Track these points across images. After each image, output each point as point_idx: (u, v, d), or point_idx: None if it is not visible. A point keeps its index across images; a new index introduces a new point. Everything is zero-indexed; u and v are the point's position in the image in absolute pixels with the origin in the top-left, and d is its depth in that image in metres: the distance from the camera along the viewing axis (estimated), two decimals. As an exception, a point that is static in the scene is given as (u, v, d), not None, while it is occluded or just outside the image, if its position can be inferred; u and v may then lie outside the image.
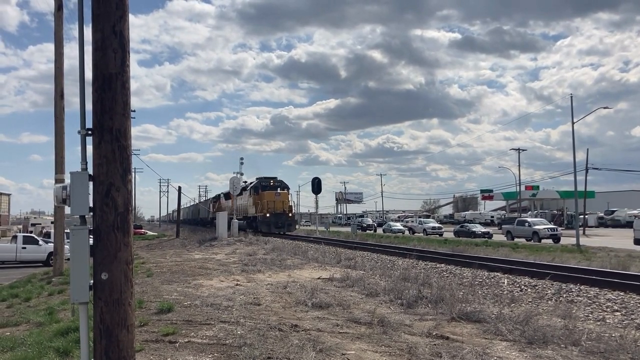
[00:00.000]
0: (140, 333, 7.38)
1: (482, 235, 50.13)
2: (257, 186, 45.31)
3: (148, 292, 11.58)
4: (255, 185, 45.74)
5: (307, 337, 7.20)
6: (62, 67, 19.16)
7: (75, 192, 4.25)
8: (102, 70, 4.23)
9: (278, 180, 46.29)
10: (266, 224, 41.94)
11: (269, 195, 43.57)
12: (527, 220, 47.52)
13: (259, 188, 44.94)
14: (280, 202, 43.36)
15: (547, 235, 41.82)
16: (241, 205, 49.71)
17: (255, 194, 45.22)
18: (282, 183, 45.80)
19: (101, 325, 4.16)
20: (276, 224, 41.98)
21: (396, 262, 16.24)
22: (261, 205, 43.40)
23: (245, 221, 46.63)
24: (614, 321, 8.25)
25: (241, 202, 49.83)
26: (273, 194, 43.78)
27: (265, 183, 45.27)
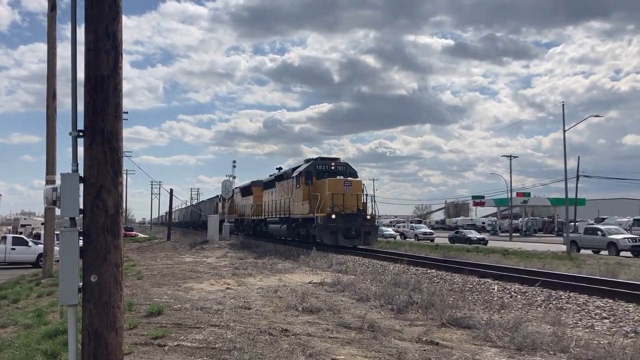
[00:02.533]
0: (129, 336, 7.34)
1: (478, 242, 47.76)
2: (310, 171, 28.84)
3: (138, 294, 11.52)
4: (307, 171, 28.95)
5: (297, 341, 7.20)
6: (55, 67, 19.09)
7: (66, 193, 4.23)
8: (94, 72, 4.22)
9: (342, 162, 30.17)
10: (330, 231, 25.34)
11: (334, 185, 26.72)
12: (599, 228, 37.98)
13: (313, 174, 28.64)
14: (353, 197, 26.67)
15: (627, 247, 32.83)
16: (272, 203, 35.11)
17: (306, 184, 28.63)
18: (348, 167, 29.59)
19: (90, 327, 4.14)
20: (347, 232, 25.51)
21: (387, 267, 16.24)
22: (321, 200, 26.38)
23: (283, 225, 32.05)
24: (603, 328, 8.30)
25: (272, 199, 35.59)
26: (340, 183, 27.05)
27: (322, 166, 29.11)
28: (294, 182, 30.28)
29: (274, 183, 35.42)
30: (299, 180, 29.29)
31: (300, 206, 28.91)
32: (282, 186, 33.27)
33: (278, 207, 33.33)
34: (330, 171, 28.56)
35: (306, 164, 29.98)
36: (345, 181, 27.15)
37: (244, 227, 45.24)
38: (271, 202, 35.54)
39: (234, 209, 50.39)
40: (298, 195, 29.33)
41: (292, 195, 30.44)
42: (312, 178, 28.50)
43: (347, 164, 29.80)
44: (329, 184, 26.64)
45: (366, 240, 26.01)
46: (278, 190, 34.07)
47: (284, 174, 33.76)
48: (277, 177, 35.13)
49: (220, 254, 24.89)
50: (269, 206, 36.29)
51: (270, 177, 37.63)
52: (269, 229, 35.83)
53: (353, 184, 27.24)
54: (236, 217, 48.34)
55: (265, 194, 37.78)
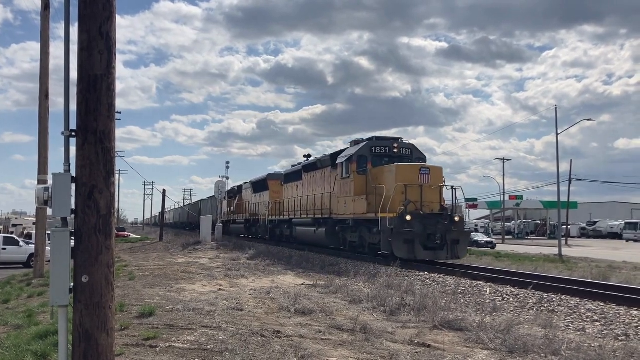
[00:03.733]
0: (121, 337, 7.31)
1: (486, 245, 42.19)
2: (364, 155, 20.86)
3: (130, 295, 11.48)
4: (360, 155, 20.94)
5: (289, 343, 7.19)
6: (48, 67, 19.00)
7: (57, 193, 4.22)
8: (87, 72, 4.21)
9: (406, 143, 21.82)
10: (405, 239, 17.37)
11: (407, 173, 18.74)
12: None
13: (368, 159, 20.68)
14: (434, 191, 18.93)
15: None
16: (300, 200, 27.40)
17: (359, 172, 20.65)
18: (414, 150, 21.50)
19: (80, 328, 4.12)
20: (428, 240, 17.68)
21: (380, 270, 16.25)
22: (386, 195, 18.23)
23: (320, 228, 24.02)
24: (594, 331, 8.34)
25: (298, 194, 28.12)
26: (415, 170, 18.90)
27: (381, 149, 21.00)
28: (339, 170, 21.78)
29: (299, 174, 28.24)
30: (348, 167, 20.95)
31: (350, 203, 20.60)
32: (313, 178, 26.06)
33: (309, 204, 25.61)
34: (393, 155, 20.49)
35: (356, 146, 21.49)
36: (422, 167, 18.75)
37: (258, 230, 36.57)
38: (297, 198, 27.89)
39: (243, 207, 42.39)
40: (345, 188, 21.09)
41: (335, 189, 22.15)
42: (367, 164, 20.19)
43: (413, 145, 21.39)
44: (399, 171, 18.45)
45: (454, 251, 17.64)
46: (308, 182, 26.80)
47: (317, 162, 25.83)
48: (307, 166, 27.29)
49: (213, 255, 24.82)
50: (294, 204, 28.56)
51: (294, 167, 30.64)
52: (297, 233, 27.79)
53: (432, 171, 18.76)
54: (247, 218, 40.24)
55: (288, 188, 30.44)
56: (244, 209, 42.29)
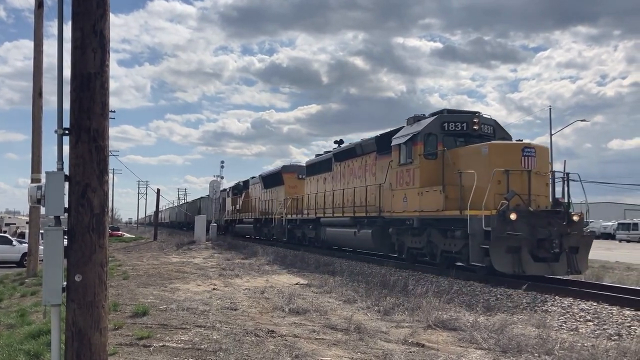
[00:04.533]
0: (114, 336, 7.29)
1: None
2: (433, 134, 15.76)
3: (123, 295, 11.44)
4: (428, 133, 15.78)
5: (284, 342, 7.18)
6: (41, 65, 18.92)
7: (50, 192, 4.20)
8: (81, 70, 4.19)
9: (487, 117, 16.47)
10: (508, 246, 12.27)
11: (506, 155, 13.61)
12: None
13: (438, 139, 15.71)
14: (542, 180, 13.90)
15: None
16: (331, 195, 22.96)
17: (427, 156, 15.68)
18: (497, 127, 16.47)
19: (73, 327, 4.10)
20: (538, 249, 12.49)
21: (374, 269, 16.27)
22: (476, 186, 12.99)
23: (362, 229, 19.43)
24: (587, 331, 8.37)
25: (327, 188, 23.75)
26: (517, 150, 13.68)
27: (455, 126, 15.83)
28: (394, 155, 16.74)
29: (328, 165, 24.02)
30: (410, 150, 15.82)
31: (413, 197, 15.60)
32: (349, 167, 21.66)
33: (346, 200, 21.06)
34: (471, 134, 15.51)
35: (419, 122, 16.21)
36: (526, 147, 13.67)
37: (272, 231, 31.87)
38: (327, 193, 23.37)
39: (250, 205, 37.84)
40: (405, 177, 16.17)
41: (388, 180, 17.25)
42: (437, 145, 15.39)
43: (495, 121, 16.38)
44: (495, 152, 13.54)
45: (571, 262, 12.67)
46: (340, 174, 22.52)
47: (355, 148, 21.24)
48: (339, 154, 22.81)
49: (207, 254, 24.78)
50: (321, 200, 23.90)
51: (320, 156, 25.82)
52: (327, 236, 22.88)
53: (538, 153, 13.80)
54: (256, 217, 35.49)
55: (311, 182, 26.21)
56: (252, 206, 37.62)
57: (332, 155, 23.85)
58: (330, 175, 23.92)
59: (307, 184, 27.05)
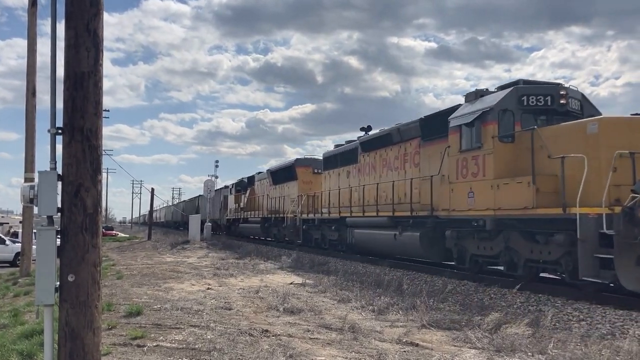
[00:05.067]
0: (108, 336, 7.27)
1: None
2: (508, 110, 12.29)
3: (117, 294, 11.41)
4: (503, 109, 12.28)
5: (278, 342, 7.18)
6: (35, 64, 18.83)
7: (43, 191, 4.18)
8: (74, 69, 4.18)
9: (574, 90, 13.00)
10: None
11: (624, 133, 10.29)
12: None
13: (514, 114, 12.28)
14: None
15: None
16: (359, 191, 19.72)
17: (502, 139, 12.17)
18: (584, 101, 13.05)
19: (66, 327, 4.09)
20: None
21: (369, 268, 16.29)
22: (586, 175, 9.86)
23: (405, 232, 15.95)
24: (580, 330, 8.40)
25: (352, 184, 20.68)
26: (637, 125, 10.49)
27: (538, 99, 12.36)
28: (456, 139, 13.46)
29: (352, 156, 20.93)
30: (479, 132, 12.62)
31: (484, 191, 12.31)
32: (382, 158, 18.45)
33: (381, 197, 17.81)
34: (557, 110, 12.47)
35: (488, 97, 13.12)
36: None
37: (282, 232, 28.28)
38: (353, 189, 20.23)
39: (257, 203, 34.31)
40: (471, 167, 12.88)
41: (444, 170, 13.96)
42: (514, 124, 12.41)
43: (582, 94, 13.31)
44: (608, 129, 10.55)
45: None
46: (370, 166, 19.33)
47: (390, 134, 17.89)
48: (368, 143, 19.69)
49: (202, 254, 24.75)
50: (345, 197, 20.71)
51: (341, 147, 22.80)
52: (356, 239, 19.36)
53: None
54: (264, 216, 31.69)
55: (329, 176, 23.19)
56: (258, 204, 33.86)
57: (358, 145, 20.30)
58: (355, 167, 20.58)
59: (326, 178, 23.57)
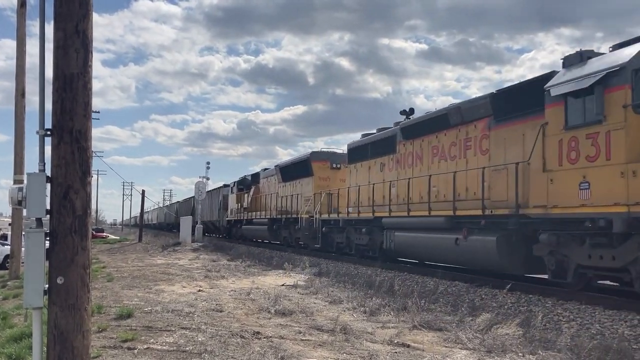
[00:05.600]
0: (98, 339, 7.23)
1: None
2: None
3: (108, 297, 11.35)
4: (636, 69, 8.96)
5: (269, 344, 7.17)
6: (24, 65, 18.70)
7: (32, 193, 4.15)
8: (63, 70, 4.15)
9: None
10: None
11: None
12: None
13: None
14: None
15: None
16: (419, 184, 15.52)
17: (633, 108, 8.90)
18: None
19: (55, 330, 4.06)
20: None
21: (360, 270, 16.30)
22: None
23: (485, 236, 12.14)
24: (570, 331, 8.45)
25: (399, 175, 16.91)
26: None
27: None
28: (561, 110, 10.40)
29: (390, 144, 17.61)
30: (601, 101, 9.53)
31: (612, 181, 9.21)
32: (432, 145, 15.35)
33: (432, 192, 14.62)
34: None
35: (589, 60, 10.25)
36: None
37: (296, 234, 25.37)
38: (393, 183, 16.85)
39: (262, 202, 30.87)
40: (586, 147, 9.80)
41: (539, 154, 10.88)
42: None
43: None
44: None
45: None
46: (415, 155, 16.15)
47: (448, 114, 14.58)
48: (412, 127, 16.51)
49: (193, 256, 24.67)
50: (380, 193, 17.52)
51: (371, 136, 19.56)
52: (397, 244, 16.15)
53: None
54: (272, 217, 28.20)
55: (357, 170, 20.04)
56: (264, 204, 30.45)
57: (398, 131, 17.23)
58: (393, 158, 17.44)
59: (351, 173, 20.53)
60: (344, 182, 21.99)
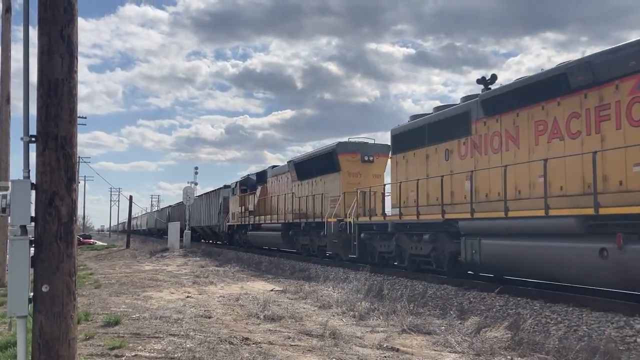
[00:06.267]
0: (85, 347, 7.15)
1: None
2: None
3: (95, 304, 11.24)
4: None
5: (258, 350, 7.13)
6: (9, 70, 18.51)
7: (16, 200, 4.11)
8: (48, 76, 4.12)
9: None
10: None
11: None
12: None
13: None
14: None
15: None
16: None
17: None
18: None
19: (40, 339, 4.01)
20: None
21: (350, 274, 16.29)
22: None
23: None
24: (558, 333, 8.50)
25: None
26: None
27: None
28: None
29: (460, 124, 14.07)
30: None
31: None
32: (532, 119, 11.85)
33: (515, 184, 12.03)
34: None
35: None
36: None
37: (319, 242, 21.59)
38: (464, 176, 13.49)
39: (271, 205, 27.49)
40: None
41: None
42: None
43: None
44: None
45: None
46: (501, 137, 12.70)
47: (567, 73, 10.86)
48: (497, 99, 12.88)
49: (181, 262, 24.52)
50: (449, 187, 14.07)
51: (429, 116, 15.73)
52: (484, 256, 12.05)
53: None
54: (288, 221, 24.49)
55: (405, 162, 16.47)
56: (275, 207, 26.81)
57: (475, 105, 13.37)
58: (466, 142, 13.70)
59: (398, 164, 16.77)
60: (378, 177, 19.73)
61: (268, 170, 30.05)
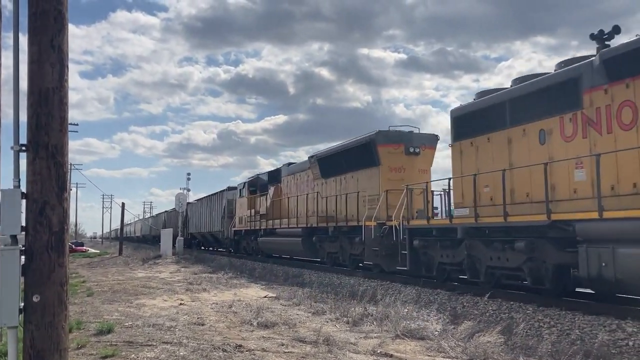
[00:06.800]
0: (77, 355, 7.10)
1: None
2: None
3: (87, 312, 11.17)
4: None
5: (252, 357, 7.11)
6: None
7: (6, 210, 4.09)
8: (38, 85, 4.11)
9: None
10: None
11: None
12: None
13: None
14: None
15: None
16: None
17: None
18: None
19: (31, 350, 3.99)
20: None
21: (343, 280, 16.27)
22: None
23: None
24: (551, 337, 8.52)
25: None
26: None
27: None
28: None
29: (565, 96, 10.64)
30: None
31: None
32: None
33: None
34: None
35: None
36: None
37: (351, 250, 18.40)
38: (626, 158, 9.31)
39: (287, 207, 24.21)
40: None
41: None
42: None
43: None
44: None
45: None
46: None
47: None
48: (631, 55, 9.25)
49: (174, 268, 24.42)
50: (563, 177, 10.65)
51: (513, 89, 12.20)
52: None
53: None
54: (309, 226, 21.17)
55: (479, 148, 13.10)
56: (292, 209, 23.44)
57: (590, 68, 10.22)
58: (573, 118, 10.56)
59: (463, 154, 13.68)
60: (425, 173, 17.05)
61: (282, 168, 26.40)
